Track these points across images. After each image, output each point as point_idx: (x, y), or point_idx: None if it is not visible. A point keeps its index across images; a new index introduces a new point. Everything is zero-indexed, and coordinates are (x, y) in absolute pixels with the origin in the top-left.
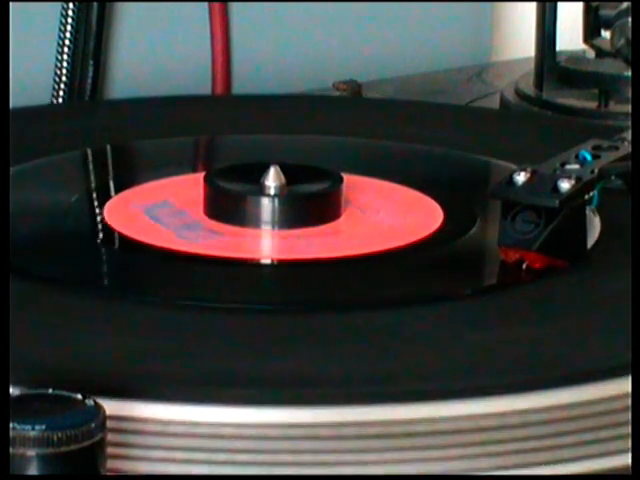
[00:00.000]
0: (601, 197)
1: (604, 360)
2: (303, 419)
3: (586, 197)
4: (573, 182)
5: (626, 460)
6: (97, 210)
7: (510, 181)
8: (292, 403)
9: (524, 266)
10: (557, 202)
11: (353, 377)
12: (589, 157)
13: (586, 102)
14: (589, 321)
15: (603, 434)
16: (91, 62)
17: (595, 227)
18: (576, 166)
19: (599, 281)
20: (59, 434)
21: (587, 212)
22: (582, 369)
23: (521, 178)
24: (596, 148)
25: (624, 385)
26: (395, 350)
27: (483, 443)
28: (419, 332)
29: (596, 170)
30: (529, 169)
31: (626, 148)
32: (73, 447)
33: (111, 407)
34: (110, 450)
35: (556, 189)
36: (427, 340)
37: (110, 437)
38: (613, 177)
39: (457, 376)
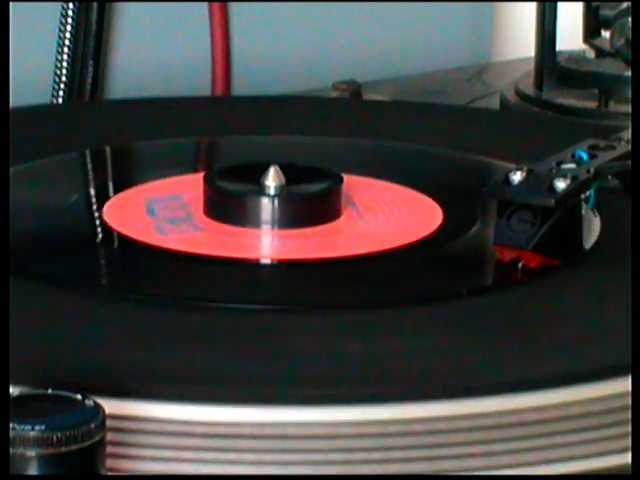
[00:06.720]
0: (598, 197)
1: (604, 360)
2: (302, 418)
3: (582, 197)
4: (569, 181)
5: (626, 459)
6: (96, 210)
7: (506, 180)
8: (291, 402)
9: (520, 265)
10: (553, 201)
11: (352, 376)
12: (585, 156)
13: (586, 102)
14: (588, 321)
15: (603, 433)
16: (91, 62)
17: (594, 227)
18: (572, 165)
19: (598, 281)
20: (59, 434)
21: (586, 212)
22: (581, 368)
23: (517, 177)
24: (593, 147)
25: (624, 385)
26: (394, 349)
27: (482, 442)
28: (418, 331)
29: (592, 169)
30: (525, 168)
31: (623, 147)
32: (73, 447)
33: (111, 407)
34: (110, 449)
35: (552, 188)
36: (426, 339)
37: (110, 436)
38: (610, 177)
39: (456, 375)
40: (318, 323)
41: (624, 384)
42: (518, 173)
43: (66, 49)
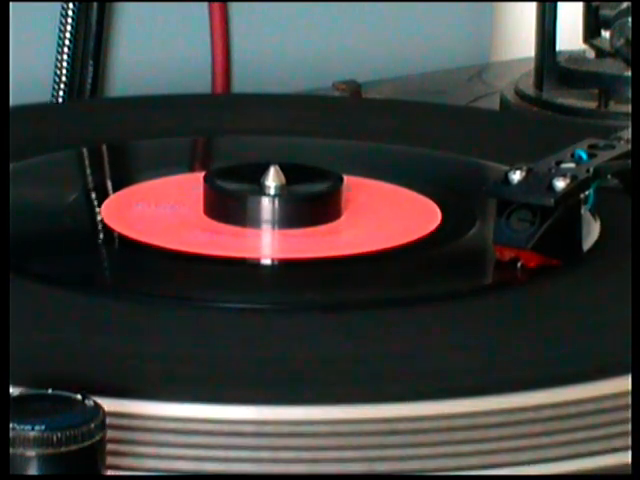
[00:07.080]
0: (597, 196)
1: (603, 359)
2: (301, 417)
3: (582, 196)
4: (568, 181)
5: (626, 458)
6: (96, 209)
7: (505, 179)
8: (291, 402)
9: (519, 265)
10: (552, 201)
11: (351, 376)
12: (585, 156)
13: (586, 102)
14: (588, 321)
15: (602, 432)
16: (91, 62)
17: (593, 227)
18: (571, 165)
19: (597, 281)
20: (59, 434)
21: (585, 213)
22: (581, 368)
23: (516, 177)
24: (592, 147)
25: (623, 384)
26: (393, 349)
27: (481, 441)
28: (418, 331)
29: (591, 169)
30: (524, 168)
31: (622, 147)
32: (73, 447)
33: (111, 407)
34: (110, 447)
35: (551, 188)
36: (424, 339)
37: (110, 435)
38: (609, 176)
39: (456, 375)
40: (318, 323)
41: (624, 384)
42: (517, 172)
43: (66, 49)
